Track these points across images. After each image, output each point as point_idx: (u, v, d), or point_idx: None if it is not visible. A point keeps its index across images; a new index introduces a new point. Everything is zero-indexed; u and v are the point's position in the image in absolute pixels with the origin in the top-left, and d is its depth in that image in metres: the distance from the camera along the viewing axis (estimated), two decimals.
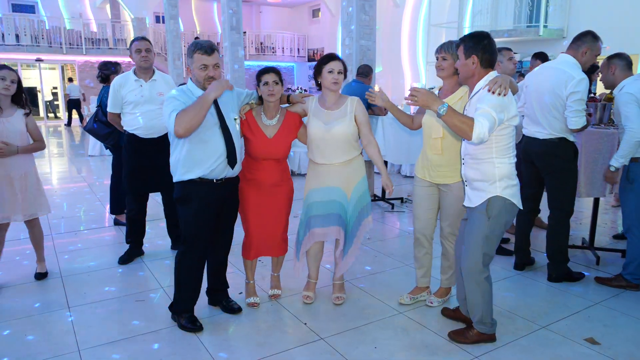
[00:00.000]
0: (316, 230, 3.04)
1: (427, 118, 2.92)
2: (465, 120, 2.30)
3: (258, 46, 19.30)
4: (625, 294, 3.35)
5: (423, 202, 3.05)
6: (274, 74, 2.90)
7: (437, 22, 12.09)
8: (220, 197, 2.86)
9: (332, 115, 2.98)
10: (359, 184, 3.06)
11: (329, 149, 2.97)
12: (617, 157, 3.26)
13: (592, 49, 3.29)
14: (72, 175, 8.06)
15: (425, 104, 2.38)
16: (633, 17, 8.96)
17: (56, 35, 16.67)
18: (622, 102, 3.25)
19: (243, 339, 2.81)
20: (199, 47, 2.69)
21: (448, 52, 2.83)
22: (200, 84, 2.74)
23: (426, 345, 2.72)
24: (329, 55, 2.99)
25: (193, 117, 2.58)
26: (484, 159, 2.48)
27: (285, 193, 3.11)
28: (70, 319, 3.05)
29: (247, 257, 3.16)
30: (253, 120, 2.99)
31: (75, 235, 4.74)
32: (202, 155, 2.74)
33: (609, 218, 5.27)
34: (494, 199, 2.48)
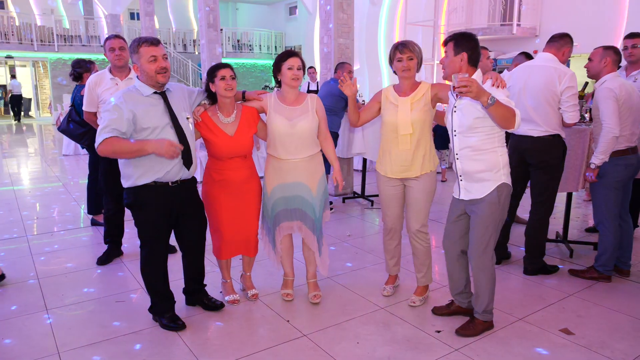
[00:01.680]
0: (283, 224, 3.11)
1: (391, 118, 2.95)
2: (510, 110, 2.38)
3: (235, 44, 19.18)
4: (597, 285, 3.46)
5: (390, 201, 3.12)
6: (230, 69, 2.88)
7: (413, 21, 12.20)
8: (177, 199, 2.81)
9: (295, 111, 3.00)
10: (321, 179, 3.12)
11: (294, 144, 2.99)
12: (597, 154, 3.30)
13: (571, 49, 3.51)
14: (46, 175, 7.89)
15: (478, 95, 2.32)
16: (602, 15, 9.22)
17: (27, 31, 16.24)
18: (601, 97, 3.30)
19: (226, 338, 2.81)
20: (143, 40, 2.65)
21: (414, 52, 2.90)
22: (151, 78, 2.64)
23: (408, 339, 2.76)
24: (288, 52, 2.99)
25: (120, 154, 2.58)
26: (488, 149, 2.58)
27: (255, 191, 3.11)
28: (49, 321, 3.00)
29: (221, 257, 3.14)
30: (210, 120, 2.94)
31: (51, 236, 4.65)
32: (156, 158, 2.65)
33: (581, 212, 5.43)
34: (502, 186, 2.60)
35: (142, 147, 2.55)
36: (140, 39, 2.67)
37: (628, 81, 3.48)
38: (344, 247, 4.29)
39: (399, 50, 2.90)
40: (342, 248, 4.27)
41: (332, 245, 4.34)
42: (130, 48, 2.70)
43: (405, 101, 2.94)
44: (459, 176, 2.71)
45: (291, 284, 3.32)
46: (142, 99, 2.66)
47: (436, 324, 2.93)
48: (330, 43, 5.68)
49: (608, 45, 3.50)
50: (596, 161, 3.32)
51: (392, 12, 13.96)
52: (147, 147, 2.55)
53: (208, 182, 3.05)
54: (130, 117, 2.58)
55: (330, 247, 4.29)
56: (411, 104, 2.93)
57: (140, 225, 2.80)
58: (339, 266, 3.84)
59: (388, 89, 3.08)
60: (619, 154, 3.34)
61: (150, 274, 2.88)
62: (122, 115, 2.56)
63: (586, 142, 3.68)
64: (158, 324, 2.93)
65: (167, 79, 2.71)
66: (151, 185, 2.70)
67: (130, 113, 2.58)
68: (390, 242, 3.26)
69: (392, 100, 3.00)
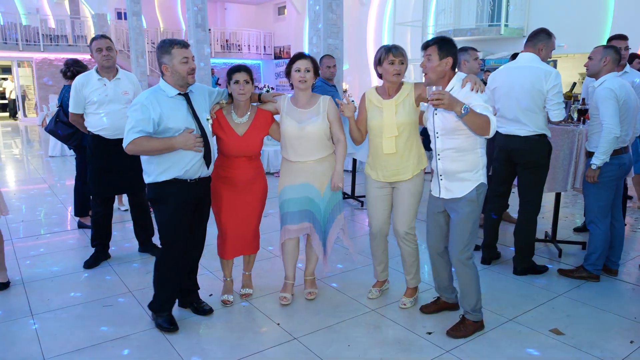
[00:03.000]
0: (289, 227, 3.07)
1: (376, 121, 2.93)
2: (483, 117, 2.44)
3: (224, 44, 19.07)
4: (586, 284, 3.48)
5: (377, 203, 3.09)
6: (245, 72, 2.92)
7: (402, 21, 12.24)
8: (195, 196, 2.86)
9: (306, 113, 3.00)
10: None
11: (303, 147, 3.00)
12: (598, 155, 3.29)
13: (547, 45, 3.45)
14: (32, 176, 7.77)
15: (451, 106, 2.42)
16: (590, 16, 9.31)
17: (11, 31, 15.99)
18: (601, 97, 3.29)
19: (215, 341, 2.78)
20: (176, 42, 2.72)
21: (405, 57, 2.90)
22: (183, 79, 2.71)
23: (399, 341, 2.76)
24: (297, 55, 3.01)
25: (148, 152, 2.67)
26: (470, 150, 2.63)
27: (260, 191, 3.13)
28: (34, 327, 2.95)
29: (224, 256, 3.15)
30: (224, 118, 3.00)
31: (37, 240, 4.58)
32: (178, 155, 2.73)
33: (569, 211, 5.47)
34: (480, 185, 2.66)
35: (169, 144, 2.66)
36: (171, 40, 2.74)
37: (627, 81, 3.48)
38: (334, 249, 4.26)
39: (392, 53, 2.85)
40: (333, 250, 4.19)
41: None
42: (160, 49, 2.73)
43: (390, 104, 2.91)
44: (439, 175, 2.74)
45: (291, 287, 3.28)
46: (166, 99, 2.71)
47: (427, 325, 2.92)
48: (319, 43, 5.67)
49: (608, 44, 3.50)
50: (597, 162, 3.31)
51: (381, 12, 14.00)
52: (174, 144, 2.66)
53: (214, 177, 3.07)
54: (157, 118, 2.64)
55: None
56: (395, 106, 2.90)
57: (161, 220, 2.82)
58: (330, 268, 3.82)
59: (371, 92, 3.03)
60: (613, 153, 3.34)
61: (163, 270, 2.88)
62: (149, 115, 2.63)
63: (574, 143, 3.70)
64: (153, 322, 2.92)
65: (195, 80, 2.80)
66: (171, 181, 2.75)
67: (156, 113, 2.64)
68: (377, 248, 3.23)
69: (376, 103, 2.97)
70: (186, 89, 2.79)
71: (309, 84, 2.98)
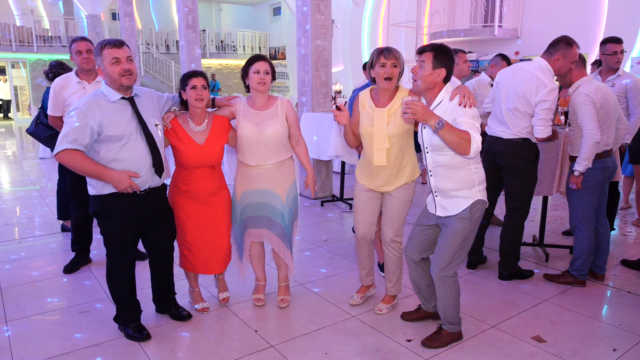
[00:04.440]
0: (252, 230, 3.04)
1: (367, 129, 2.83)
2: (463, 135, 2.26)
3: (218, 44, 19.01)
4: (572, 290, 3.43)
5: (364, 208, 3.01)
6: (202, 78, 2.78)
7: (396, 22, 12.20)
8: (145, 207, 2.71)
9: (264, 116, 2.92)
10: (292, 187, 3.05)
11: (261, 150, 2.91)
12: (579, 161, 3.22)
13: (566, 55, 3.21)
14: (21, 179, 7.70)
15: (424, 119, 2.28)
16: (583, 17, 9.27)
17: (5, 32, 15.91)
18: (578, 103, 3.22)
19: (190, 349, 2.72)
20: (106, 42, 2.55)
21: (399, 60, 2.76)
22: (115, 82, 2.53)
23: (377, 349, 2.70)
24: (255, 56, 2.92)
25: (77, 171, 2.50)
26: (462, 167, 2.48)
27: (224, 202, 3.02)
28: (8, 334, 2.89)
29: (186, 269, 3.07)
30: (180, 127, 2.85)
31: (19, 243, 4.52)
32: (124, 167, 2.55)
33: (559, 214, 5.42)
34: (476, 203, 2.52)
35: (102, 175, 2.49)
36: (104, 41, 2.57)
37: (603, 84, 3.44)
38: (319, 253, 4.22)
39: (384, 55, 2.72)
40: (317, 253, 4.20)
41: (307, 251, 4.26)
42: (95, 51, 2.60)
43: (382, 113, 2.79)
44: (434, 192, 2.62)
45: (263, 288, 3.26)
46: (108, 105, 2.54)
47: (408, 332, 2.87)
48: (307, 45, 5.61)
49: None
50: (580, 168, 3.24)
51: (375, 13, 13.95)
52: (106, 178, 2.50)
53: (174, 191, 2.95)
54: (95, 126, 2.47)
55: (305, 253, 4.22)
56: (388, 116, 2.78)
57: (106, 234, 2.70)
58: (313, 272, 3.77)
59: (365, 94, 2.91)
60: (595, 157, 3.29)
61: (115, 284, 2.79)
62: (87, 123, 2.45)
63: (560, 146, 3.65)
64: (123, 334, 2.84)
65: (132, 82, 2.58)
66: (117, 194, 2.59)
67: (95, 121, 2.47)
68: (361, 252, 3.16)
69: (368, 109, 2.85)
70: (130, 93, 2.61)
71: (268, 87, 2.90)
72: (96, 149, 2.54)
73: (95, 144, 2.52)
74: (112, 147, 2.54)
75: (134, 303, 2.85)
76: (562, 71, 3.28)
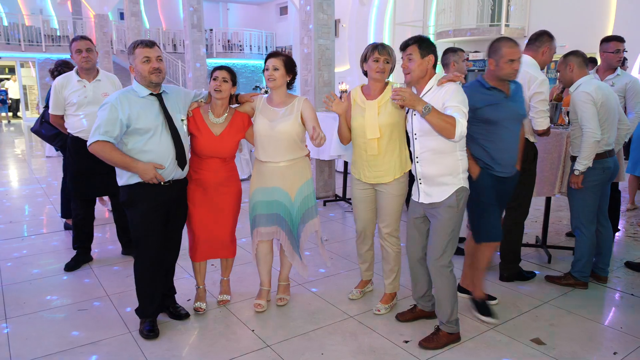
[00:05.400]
0: (260, 229, 3.04)
1: (359, 120, 2.89)
2: (448, 119, 2.38)
3: (225, 44, 19.05)
4: (573, 292, 3.39)
5: (361, 204, 3.08)
6: (226, 71, 2.88)
7: (402, 21, 12.15)
8: (169, 199, 2.81)
9: (279, 113, 2.94)
10: (304, 186, 3.03)
11: (272, 146, 2.93)
12: (580, 160, 3.20)
13: (551, 47, 3.35)
14: (26, 177, 7.76)
15: (411, 104, 2.42)
16: (590, 16, 9.18)
17: (14, 31, 16.07)
18: (578, 102, 3.21)
19: (186, 348, 2.72)
20: (139, 42, 2.73)
21: (391, 56, 2.87)
22: (145, 79, 2.68)
23: (374, 350, 2.68)
24: (270, 53, 2.98)
25: (108, 160, 2.63)
26: (449, 152, 2.55)
27: (233, 194, 3.05)
28: (6, 330, 2.90)
29: (194, 259, 3.09)
30: (200, 117, 2.95)
31: (22, 241, 4.54)
32: (149, 158, 2.68)
33: (564, 215, 5.36)
34: (460, 189, 2.58)
35: (129, 165, 2.63)
36: (136, 41, 2.75)
37: (604, 83, 3.40)
38: (319, 252, 4.18)
39: (378, 50, 2.82)
40: (317, 253, 4.18)
41: (307, 250, 4.25)
42: (128, 50, 2.75)
43: (373, 104, 2.86)
44: (419, 179, 2.67)
45: (266, 294, 3.21)
46: (137, 100, 2.69)
47: (405, 333, 2.84)
48: (310, 44, 5.60)
49: (568, 52, 3.42)
50: (580, 167, 3.22)
51: (381, 12, 13.91)
52: (134, 168, 2.64)
53: (187, 178, 3.00)
54: (125, 119, 2.61)
55: (305, 252, 4.19)
56: (378, 107, 2.85)
57: (133, 223, 2.79)
58: (312, 272, 3.75)
59: (356, 90, 2.99)
60: (596, 157, 3.25)
61: (138, 274, 2.84)
62: (117, 116, 2.59)
63: (562, 146, 3.61)
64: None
65: (161, 80, 2.72)
66: (143, 183, 2.70)
67: (124, 114, 2.61)
68: (361, 246, 3.21)
69: (359, 103, 2.93)
70: (158, 90, 2.75)
71: (278, 83, 2.91)
72: (124, 141, 2.68)
73: (124, 136, 2.66)
74: (139, 140, 2.66)
75: (153, 297, 2.86)
76: (547, 63, 3.37)
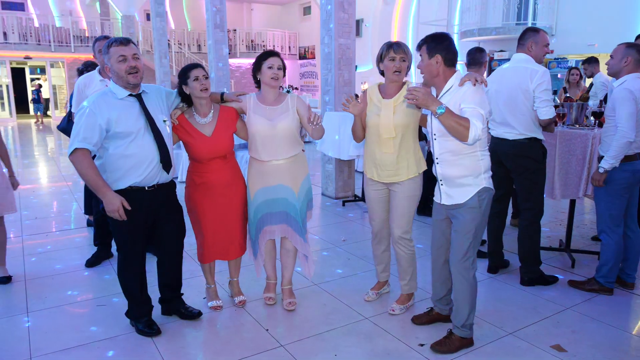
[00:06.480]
0: (270, 227, 3.03)
1: (374, 119, 2.87)
2: (461, 122, 2.31)
3: (249, 44, 19.19)
4: (597, 298, 3.28)
5: (376, 204, 3.05)
6: (202, 68, 2.80)
7: (426, 20, 12.01)
8: (153, 204, 2.72)
9: (275, 110, 2.92)
10: (305, 180, 3.05)
11: (274, 144, 2.91)
12: (607, 158, 3.11)
13: (536, 40, 3.30)
14: (53, 174, 7.95)
15: (425, 104, 2.36)
16: (620, 14, 8.91)
17: (45, 32, 16.51)
18: (619, 98, 3.09)
19: (201, 346, 2.74)
20: (113, 40, 2.59)
21: (407, 54, 2.83)
22: (122, 79, 2.56)
23: (388, 353, 2.64)
24: (268, 52, 2.94)
25: (82, 175, 2.53)
26: (468, 153, 2.49)
27: (239, 193, 3.02)
28: (27, 324, 2.97)
29: (202, 260, 3.08)
30: (187, 122, 2.86)
31: (46, 237, 4.65)
32: (132, 162, 2.58)
33: (589, 218, 5.21)
34: (483, 190, 2.51)
35: (99, 190, 2.52)
36: (110, 39, 2.62)
37: None
38: (337, 253, 4.18)
39: (394, 49, 2.80)
40: (335, 253, 4.16)
41: (324, 251, 4.23)
42: (102, 50, 2.63)
43: (388, 104, 2.84)
44: (440, 181, 2.61)
45: (274, 287, 3.25)
46: (116, 102, 2.57)
47: (420, 336, 2.79)
48: (330, 43, 5.58)
49: (631, 42, 3.27)
50: (606, 165, 3.13)
51: (405, 11, 13.78)
52: (103, 194, 2.52)
53: (190, 185, 2.98)
54: (104, 123, 2.50)
55: (323, 252, 4.19)
56: (394, 107, 2.82)
57: (115, 229, 2.73)
58: (328, 272, 3.73)
59: (373, 89, 2.97)
60: (626, 159, 3.14)
61: (126, 279, 2.82)
62: (95, 121, 2.48)
63: (587, 147, 3.50)
64: (134, 329, 2.87)
65: (139, 80, 2.60)
66: (126, 190, 2.62)
67: (103, 119, 2.50)
68: (377, 247, 3.18)
69: (375, 102, 2.90)
70: (137, 90, 2.63)
71: (280, 82, 2.91)
72: (105, 146, 2.58)
73: (104, 141, 2.56)
74: (121, 144, 2.56)
75: (144, 298, 2.87)
76: (540, 57, 3.33)
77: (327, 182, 6.10)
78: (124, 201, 2.55)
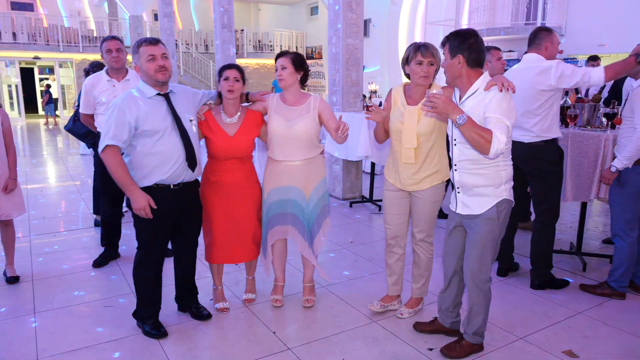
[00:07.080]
0: (278, 228, 3.01)
1: (397, 126, 2.75)
2: (483, 134, 2.14)
3: (256, 44, 19.20)
4: (609, 302, 3.22)
5: (393, 207, 2.92)
6: (236, 70, 2.84)
7: (434, 20, 11.95)
8: (178, 203, 2.76)
9: (295, 111, 2.90)
10: (320, 185, 3.00)
11: (289, 145, 2.89)
12: (621, 158, 3.05)
13: (552, 40, 3.28)
14: (61, 174, 7.98)
15: (445, 112, 2.19)
16: (630, 14, 8.80)
17: (53, 32, 16.60)
18: (638, 98, 3.02)
19: (208, 349, 2.71)
20: (143, 40, 2.67)
21: (436, 57, 2.65)
22: (151, 78, 2.62)
23: (396, 357, 2.61)
24: (278, 54, 2.95)
25: (111, 172, 2.57)
26: (490, 163, 2.34)
27: (253, 196, 3.01)
28: (34, 325, 2.96)
29: (210, 260, 3.07)
30: (212, 119, 2.91)
31: (53, 237, 4.65)
32: (158, 160, 2.64)
33: (601, 221, 5.14)
34: (502, 202, 2.38)
35: (127, 188, 2.58)
36: (140, 39, 2.69)
37: None
38: (344, 254, 4.15)
39: (421, 52, 2.61)
40: (342, 255, 4.13)
41: (331, 252, 4.20)
42: (132, 50, 2.70)
43: (413, 111, 2.70)
44: (457, 188, 2.49)
45: (281, 289, 3.22)
46: (145, 100, 2.63)
47: (429, 340, 2.76)
48: (338, 43, 5.55)
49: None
50: (618, 165, 3.07)
51: (413, 11, 13.72)
52: (131, 193, 2.58)
53: (204, 182, 3.00)
54: (133, 121, 2.56)
55: (330, 254, 4.16)
56: (418, 114, 2.69)
57: (139, 227, 2.76)
58: (336, 274, 3.70)
59: (398, 90, 2.81)
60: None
61: (141, 277, 2.83)
62: (125, 118, 2.55)
63: (600, 149, 3.44)
64: (141, 330, 2.86)
65: (167, 78, 2.67)
66: (152, 187, 2.67)
67: (132, 116, 2.56)
68: (390, 255, 3.03)
69: (399, 106, 2.77)
70: (165, 89, 2.69)
71: (288, 82, 2.87)
72: (133, 144, 2.63)
73: (132, 139, 2.61)
74: (148, 142, 2.61)
75: (155, 297, 2.87)
76: (554, 56, 3.29)
77: (334, 183, 6.07)
78: (150, 200, 2.60)
